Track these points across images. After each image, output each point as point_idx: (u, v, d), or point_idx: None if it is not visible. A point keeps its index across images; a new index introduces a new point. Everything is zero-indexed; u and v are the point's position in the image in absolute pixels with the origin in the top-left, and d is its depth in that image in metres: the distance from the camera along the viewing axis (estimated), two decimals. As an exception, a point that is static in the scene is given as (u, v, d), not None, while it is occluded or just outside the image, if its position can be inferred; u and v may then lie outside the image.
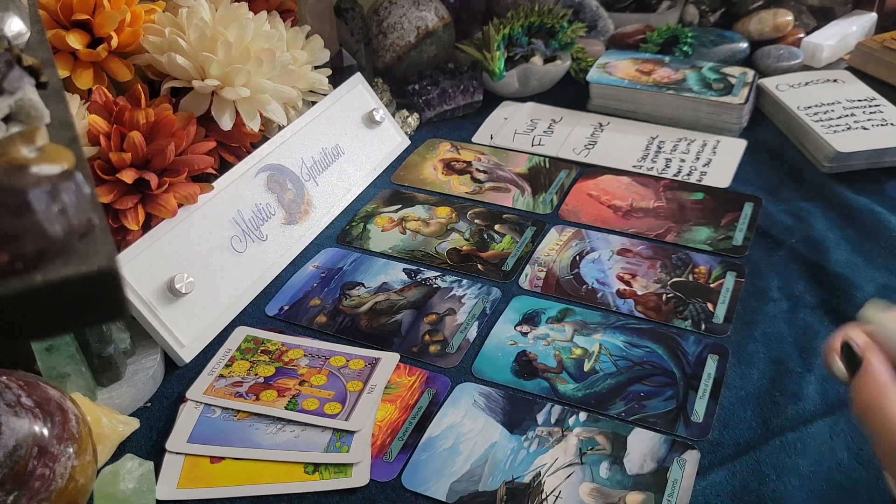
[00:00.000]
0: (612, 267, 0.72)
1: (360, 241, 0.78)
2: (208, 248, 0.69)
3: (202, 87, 0.69)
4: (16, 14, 0.42)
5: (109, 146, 0.63)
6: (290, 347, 0.65)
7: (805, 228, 0.76)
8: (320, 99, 0.84)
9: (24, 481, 0.45)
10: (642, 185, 0.83)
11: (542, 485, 0.53)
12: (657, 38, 1.03)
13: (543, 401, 0.60)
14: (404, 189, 0.85)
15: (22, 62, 0.34)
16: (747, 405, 0.59)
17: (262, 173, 0.75)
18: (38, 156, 0.30)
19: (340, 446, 0.56)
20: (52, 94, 0.37)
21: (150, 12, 0.73)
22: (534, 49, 0.99)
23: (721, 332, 0.65)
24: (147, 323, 0.63)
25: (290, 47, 0.80)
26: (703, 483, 0.53)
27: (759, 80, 0.94)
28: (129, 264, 0.63)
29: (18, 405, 0.47)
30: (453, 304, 0.69)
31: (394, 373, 0.62)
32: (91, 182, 0.31)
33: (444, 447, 0.57)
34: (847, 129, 0.84)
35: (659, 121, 0.93)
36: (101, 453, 0.55)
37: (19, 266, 0.27)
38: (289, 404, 0.59)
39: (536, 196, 0.83)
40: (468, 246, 0.76)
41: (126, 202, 0.63)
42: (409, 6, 0.98)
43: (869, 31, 1.07)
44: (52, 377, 0.57)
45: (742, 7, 1.08)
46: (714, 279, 0.70)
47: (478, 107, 0.98)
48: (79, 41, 0.67)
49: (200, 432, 0.58)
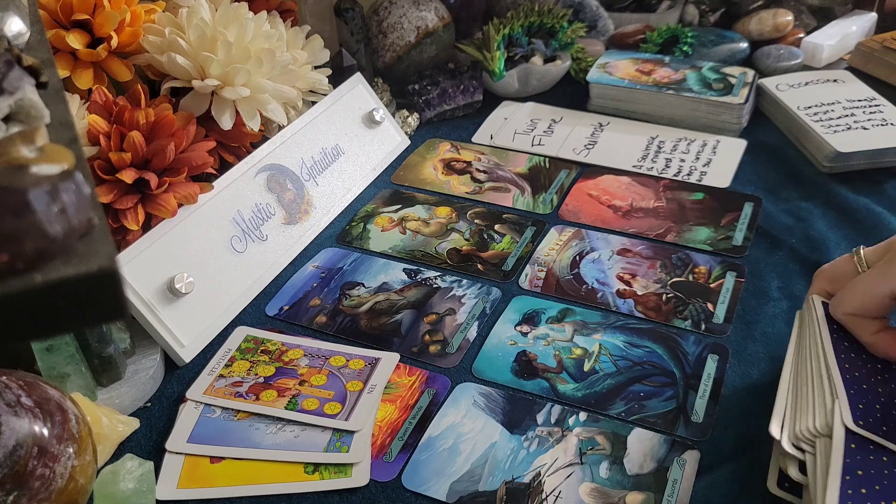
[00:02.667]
0: (612, 267, 0.72)
1: (360, 241, 0.78)
2: (208, 248, 0.69)
3: (202, 87, 0.69)
4: (16, 14, 0.42)
5: (109, 146, 0.63)
6: (290, 347, 0.65)
7: (805, 228, 0.76)
8: (320, 99, 0.84)
9: (23, 481, 0.45)
10: (642, 185, 0.83)
11: (542, 485, 0.53)
12: (657, 38, 1.03)
13: (543, 401, 0.60)
14: (404, 189, 0.85)
15: (22, 62, 0.34)
16: (747, 405, 0.59)
17: (262, 173, 0.75)
18: (38, 156, 0.30)
19: (340, 446, 0.56)
20: (52, 94, 0.37)
21: (150, 12, 0.73)
22: (534, 49, 0.99)
23: (721, 332, 0.65)
24: (147, 323, 0.63)
25: (290, 47, 0.80)
26: (703, 483, 0.53)
27: (759, 80, 0.94)
28: (129, 264, 0.63)
29: (18, 405, 0.47)
30: (453, 304, 0.69)
31: (394, 373, 0.62)
32: (91, 182, 0.31)
33: (444, 447, 0.57)
34: (847, 129, 0.84)
35: (659, 121, 0.93)
36: (101, 453, 0.55)
37: (19, 266, 0.27)
38: (289, 404, 0.59)
39: (536, 196, 0.83)
40: (468, 246, 0.76)
41: (126, 202, 0.63)
42: (409, 6, 0.98)
43: (869, 31, 1.07)
44: (52, 377, 0.57)
45: (742, 7, 1.08)
46: (714, 279, 0.70)
47: (478, 107, 0.98)
48: (79, 41, 0.67)
49: (200, 432, 0.58)
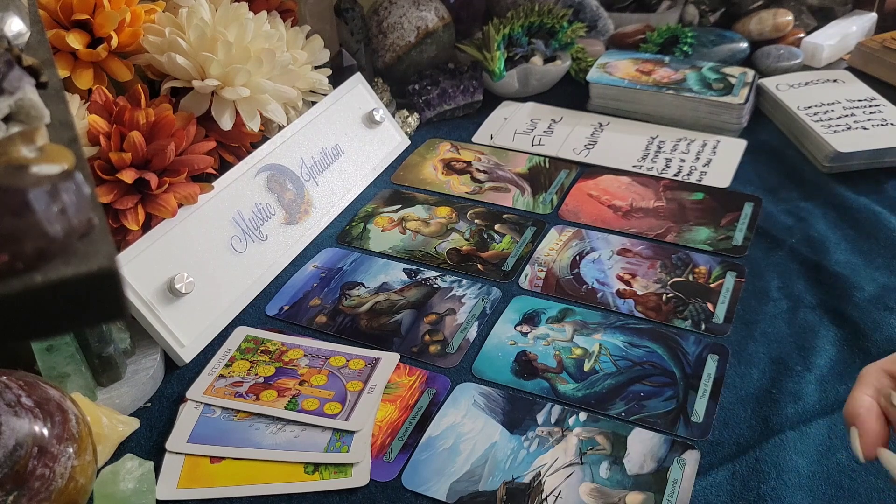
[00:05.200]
0: (612, 267, 0.72)
1: (360, 241, 0.78)
2: (208, 248, 0.69)
3: (202, 87, 0.69)
4: (16, 14, 0.42)
5: (109, 146, 0.63)
6: (290, 347, 0.65)
7: (805, 228, 0.76)
8: (320, 99, 0.84)
9: (24, 481, 0.45)
10: (642, 185, 0.83)
11: (542, 485, 0.53)
12: (657, 38, 1.03)
13: (543, 401, 0.60)
14: (404, 189, 0.85)
15: (22, 62, 0.34)
16: (747, 405, 0.59)
17: (262, 173, 0.75)
18: (38, 156, 0.30)
19: (340, 446, 0.56)
20: (52, 94, 0.37)
21: (150, 12, 0.73)
22: (534, 49, 0.99)
23: (721, 332, 0.65)
24: (147, 323, 0.63)
25: (290, 47, 0.80)
26: (703, 483, 0.53)
27: (759, 80, 0.94)
28: (129, 264, 0.63)
29: (18, 405, 0.47)
30: (453, 304, 0.69)
31: (394, 373, 0.62)
32: (91, 182, 0.31)
33: (444, 447, 0.57)
34: (847, 129, 0.84)
35: (659, 121, 0.93)
36: (101, 453, 0.55)
37: (19, 266, 0.27)
38: (289, 404, 0.59)
39: (536, 196, 0.83)
40: (468, 246, 0.76)
41: (126, 202, 0.63)
42: (409, 6, 0.98)
43: (869, 31, 1.07)
44: (52, 377, 0.57)
45: (742, 7, 1.08)
46: (714, 279, 0.70)
47: (478, 107, 0.98)
48: (79, 41, 0.67)
49: (200, 432, 0.58)
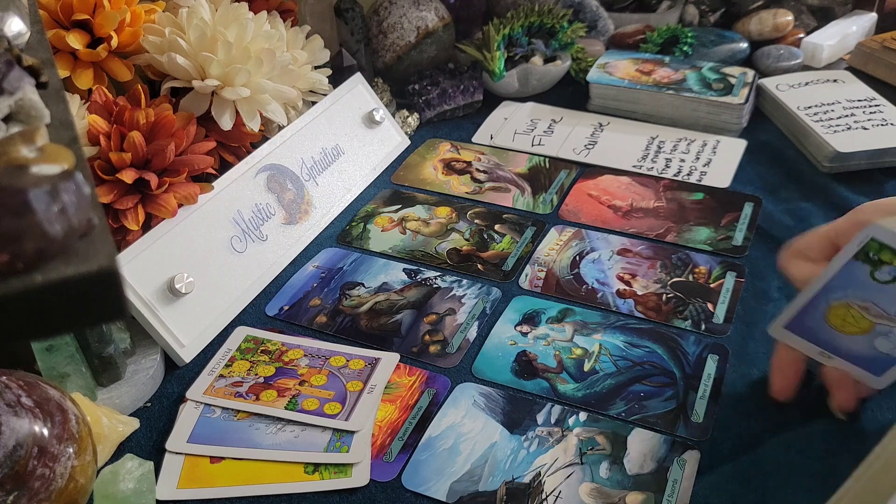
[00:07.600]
0: (612, 267, 0.72)
1: (360, 241, 0.78)
2: (208, 248, 0.69)
3: (202, 87, 0.69)
4: (16, 14, 0.42)
5: (109, 146, 0.63)
6: (290, 347, 0.65)
7: (805, 228, 0.75)
8: (320, 99, 0.84)
9: (23, 481, 0.45)
10: (642, 185, 0.83)
11: (542, 485, 0.53)
12: (657, 38, 1.03)
13: (543, 401, 0.60)
14: (404, 189, 0.85)
15: (22, 62, 0.34)
16: (747, 405, 0.59)
17: (262, 173, 0.75)
18: (38, 156, 0.30)
19: (340, 446, 0.56)
20: (52, 94, 0.37)
21: (150, 12, 0.73)
22: (534, 49, 0.99)
23: (721, 332, 0.65)
24: (147, 323, 0.63)
25: (290, 47, 0.80)
26: (703, 483, 0.53)
27: (759, 80, 0.94)
28: (129, 264, 0.63)
29: (18, 405, 0.47)
30: (453, 304, 0.69)
31: (394, 373, 0.62)
32: (91, 182, 0.31)
33: (444, 447, 0.57)
34: (847, 129, 0.84)
35: (659, 121, 0.93)
36: (101, 453, 0.55)
37: (19, 266, 0.27)
38: (289, 404, 0.59)
39: (536, 196, 0.83)
40: (468, 246, 0.76)
41: (126, 202, 0.63)
42: (409, 6, 0.98)
43: (869, 31, 1.07)
44: (52, 377, 0.57)
45: (742, 7, 1.08)
46: (714, 279, 0.70)
47: (478, 107, 0.98)
48: (79, 41, 0.67)
49: (200, 432, 0.58)
